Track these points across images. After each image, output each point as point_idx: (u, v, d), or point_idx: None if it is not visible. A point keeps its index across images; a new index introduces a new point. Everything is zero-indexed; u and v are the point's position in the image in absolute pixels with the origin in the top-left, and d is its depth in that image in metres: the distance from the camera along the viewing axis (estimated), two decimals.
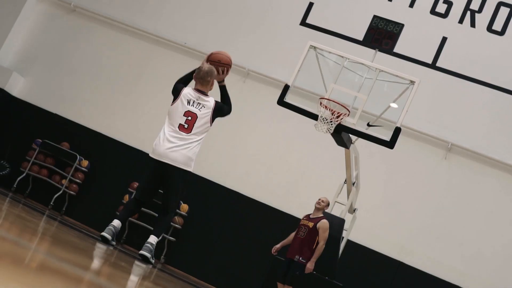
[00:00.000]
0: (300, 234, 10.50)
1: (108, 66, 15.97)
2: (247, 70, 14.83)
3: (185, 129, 7.89)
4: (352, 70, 10.84)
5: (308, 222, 10.51)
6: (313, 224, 10.45)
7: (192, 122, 7.92)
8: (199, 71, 8.19)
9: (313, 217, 10.60)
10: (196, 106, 7.97)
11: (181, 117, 7.92)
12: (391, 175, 13.89)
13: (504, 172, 13.38)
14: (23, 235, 3.86)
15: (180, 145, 7.87)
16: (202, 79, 8.13)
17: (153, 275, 6.13)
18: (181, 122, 7.91)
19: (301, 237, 10.46)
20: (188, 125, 7.90)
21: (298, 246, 10.43)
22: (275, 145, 14.51)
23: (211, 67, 8.23)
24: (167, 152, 7.84)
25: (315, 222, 10.49)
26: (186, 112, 7.93)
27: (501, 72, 13.68)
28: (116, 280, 3.66)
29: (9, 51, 16.36)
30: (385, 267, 13.25)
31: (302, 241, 10.44)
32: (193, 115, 7.93)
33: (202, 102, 8.02)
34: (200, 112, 7.96)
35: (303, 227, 10.52)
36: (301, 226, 10.57)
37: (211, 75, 8.16)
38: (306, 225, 10.49)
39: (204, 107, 7.99)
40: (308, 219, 10.59)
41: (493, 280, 12.91)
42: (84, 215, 14.39)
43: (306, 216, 10.68)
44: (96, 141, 15.23)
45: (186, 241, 14.14)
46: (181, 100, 7.98)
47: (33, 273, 2.41)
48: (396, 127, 9.99)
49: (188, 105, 7.96)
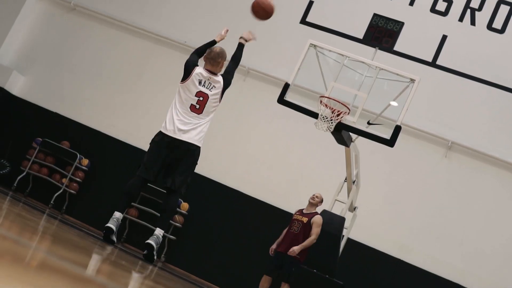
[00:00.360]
0: (293, 229, 10.52)
1: (108, 65, 15.97)
2: (247, 69, 14.82)
3: (197, 109, 7.89)
4: (352, 69, 10.84)
5: (302, 217, 10.55)
6: (307, 220, 10.48)
7: (203, 103, 7.92)
8: (210, 52, 8.19)
9: (307, 212, 10.64)
10: (208, 86, 7.98)
11: (192, 98, 7.92)
12: (391, 173, 13.89)
13: (504, 170, 13.38)
14: (23, 234, 3.86)
15: (191, 126, 7.85)
16: (213, 60, 8.13)
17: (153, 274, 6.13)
18: (192, 103, 7.90)
19: (295, 232, 10.48)
20: (199, 106, 7.90)
21: (291, 241, 10.45)
22: (276, 144, 14.51)
23: (222, 49, 8.25)
24: (179, 133, 7.82)
25: (309, 217, 10.53)
26: (198, 93, 7.93)
27: (501, 70, 13.68)
28: (116, 279, 3.66)
29: (9, 50, 16.35)
30: (385, 265, 13.25)
31: (296, 236, 10.46)
32: (204, 96, 7.94)
33: (213, 83, 8.03)
34: (211, 92, 7.97)
35: (297, 222, 10.55)
36: (294, 221, 10.60)
37: (222, 57, 8.18)
38: (300, 220, 10.52)
39: (214, 87, 8.01)
40: (302, 214, 10.63)
41: (493, 278, 12.91)
42: (85, 214, 14.39)
43: (299, 211, 10.71)
44: (96, 140, 15.23)
45: (187, 240, 14.14)
46: (192, 80, 7.98)
47: (34, 271, 2.41)
48: (396, 125, 9.99)
49: (200, 85, 7.96)
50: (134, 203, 13.76)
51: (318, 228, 10.45)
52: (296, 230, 10.50)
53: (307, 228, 10.45)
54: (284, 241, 10.59)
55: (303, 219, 10.52)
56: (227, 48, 8.83)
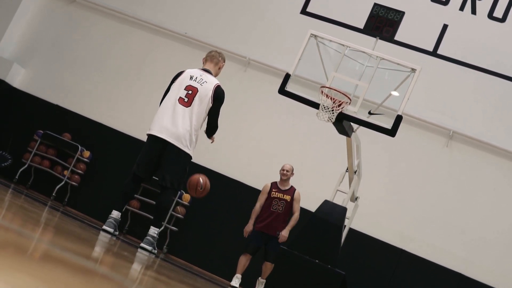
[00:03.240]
0: (277, 208, 10.50)
1: (109, 57, 15.96)
2: (247, 59, 14.82)
3: (185, 102, 7.71)
4: (353, 59, 10.83)
5: (283, 195, 10.53)
6: (290, 197, 10.50)
7: (192, 96, 7.72)
8: (210, 51, 8.15)
9: (285, 189, 10.63)
10: (199, 81, 7.83)
11: (182, 91, 7.76)
12: (392, 163, 13.89)
13: (506, 159, 13.39)
14: (26, 226, 3.86)
15: (178, 119, 7.71)
16: (213, 57, 8.05)
17: (156, 265, 6.14)
18: (181, 96, 7.74)
19: (279, 212, 10.48)
20: (188, 99, 7.71)
21: (277, 222, 10.45)
22: (277, 134, 14.51)
23: (222, 52, 8.19)
24: (167, 126, 7.71)
25: (290, 194, 10.54)
26: (187, 86, 7.77)
27: (502, 59, 13.66)
28: (119, 270, 3.67)
29: (9, 43, 16.34)
30: (387, 255, 13.27)
31: (281, 215, 10.46)
32: (193, 89, 7.76)
33: (205, 79, 7.88)
34: (202, 87, 7.78)
35: (279, 200, 10.53)
36: (275, 199, 10.55)
37: (221, 57, 8.11)
38: (283, 199, 10.51)
39: (206, 82, 7.84)
40: (281, 191, 10.60)
41: (495, 267, 12.93)
42: (87, 206, 14.41)
43: (276, 188, 10.66)
44: (98, 132, 15.24)
45: (189, 231, 14.17)
46: (183, 77, 7.86)
47: (37, 262, 2.42)
48: (397, 115, 9.99)
49: (190, 80, 7.82)
50: (136, 195, 13.77)
51: (299, 203, 10.49)
52: (281, 209, 10.49)
53: (290, 206, 10.47)
54: (268, 222, 10.56)
55: (286, 197, 10.51)
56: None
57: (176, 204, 13.87)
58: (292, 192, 10.57)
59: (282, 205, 10.48)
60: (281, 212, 10.47)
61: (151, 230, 7.85)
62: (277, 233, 10.43)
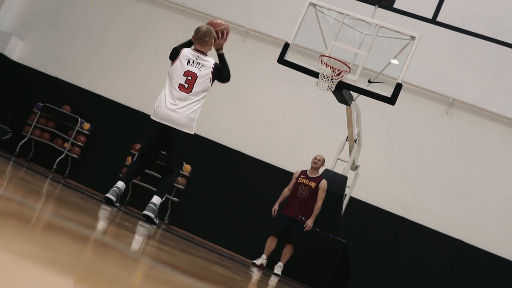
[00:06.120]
0: (301, 193, 10.59)
1: (107, 28, 15.91)
2: (246, 29, 14.77)
3: (185, 89, 7.84)
4: (352, 27, 10.80)
5: (309, 181, 10.62)
6: (315, 185, 10.57)
7: (192, 82, 7.87)
8: (197, 32, 8.12)
9: (313, 177, 10.70)
10: (196, 65, 7.92)
11: (181, 77, 7.87)
12: (392, 131, 13.90)
13: (506, 126, 13.39)
14: (28, 197, 3.88)
15: (181, 105, 7.83)
16: (200, 40, 8.07)
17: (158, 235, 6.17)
18: (181, 82, 7.86)
19: (303, 197, 10.56)
20: (188, 85, 7.85)
21: (300, 206, 10.54)
22: (277, 104, 14.51)
23: (209, 28, 8.17)
24: (169, 113, 7.81)
25: (316, 182, 10.60)
26: (186, 72, 7.88)
27: (502, 26, 13.61)
28: (122, 239, 3.69)
29: (7, 15, 16.27)
30: (388, 223, 13.32)
31: (305, 200, 10.54)
32: (193, 75, 7.88)
33: (202, 62, 7.96)
34: (200, 71, 7.90)
35: (304, 186, 10.61)
36: (301, 185, 10.65)
37: (209, 36, 8.10)
38: (308, 185, 10.59)
39: (203, 66, 7.94)
40: (308, 178, 10.69)
41: (496, 234, 12.98)
42: (87, 178, 14.44)
43: (304, 175, 10.76)
44: (97, 104, 15.22)
45: (190, 202, 14.21)
46: (180, 60, 7.92)
47: (38, 231, 2.43)
48: (397, 83, 9.99)
49: (188, 65, 7.90)
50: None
51: (324, 193, 10.56)
52: (305, 195, 10.57)
53: (315, 192, 10.54)
54: (291, 205, 10.66)
55: (311, 184, 10.60)
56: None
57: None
58: (318, 180, 10.63)
59: (306, 190, 10.56)
60: (305, 197, 10.54)
61: (155, 198, 7.91)
62: (299, 217, 10.49)
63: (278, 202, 10.79)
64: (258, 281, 6.53)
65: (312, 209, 10.52)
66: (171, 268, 3.03)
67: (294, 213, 10.56)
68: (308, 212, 10.51)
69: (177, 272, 2.93)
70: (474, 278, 12.84)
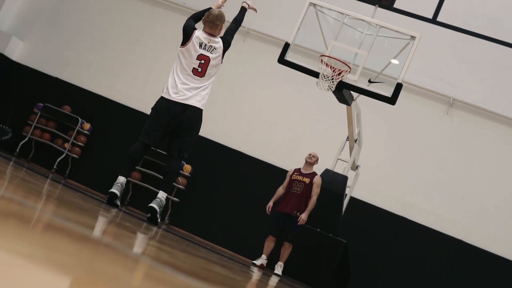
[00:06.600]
0: (296, 190, 10.62)
1: (107, 28, 15.91)
2: (247, 29, 14.77)
3: (199, 72, 7.90)
4: (352, 27, 10.81)
5: (303, 177, 10.66)
6: (309, 180, 10.60)
7: (205, 66, 7.92)
8: (208, 15, 8.15)
9: (307, 173, 10.73)
10: (208, 49, 7.97)
11: (194, 62, 7.91)
12: (393, 131, 13.90)
13: (506, 126, 13.39)
14: (28, 197, 3.88)
15: (195, 88, 7.86)
16: (211, 23, 8.09)
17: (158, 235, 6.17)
18: (194, 66, 7.89)
19: (298, 193, 10.58)
20: (201, 69, 7.90)
21: (295, 202, 10.57)
22: (277, 104, 14.51)
23: (221, 11, 8.21)
24: (185, 92, 7.82)
25: (310, 178, 10.63)
26: (199, 56, 7.91)
27: (502, 26, 13.61)
28: (122, 239, 3.69)
29: (7, 15, 16.28)
30: (388, 223, 13.32)
31: (299, 196, 10.56)
32: (206, 59, 7.93)
33: (214, 45, 8.01)
34: (212, 55, 7.96)
35: (298, 182, 10.65)
36: (295, 181, 10.69)
37: (220, 20, 8.13)
38: (302, 181, 10.63)
39: (215, 49, 7.99)
40: (302, 174, 10.72)
41: (495, 234, 12.98)
42: (88, 178, 14.44)
43: (298, 172, 10.80)
44: (97, 104, 15.23)
45: (190, 202, 14.21)
46: (193, 43, 7.96)
47: (39, 231, 2.43)
48: (397, 83, 9.99)
49: (201, 49, 7.95)
50: (138, 167, 13.79)
51: (318, 188, 10.58)
52: (299, 191, 10.59)
53: (309, 188, 10.56)
54: (286, 202, 10.67)
55: (305, 180, 10.62)
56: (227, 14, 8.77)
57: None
58: (312, 176, 10.65)
59: (301, 186, 10.58)
60: (299, 193, 10.56)
61: (160, 194, 7.89)
62: (294, 212, 10.50)
63: (273, 200, 10.81)
64: (259, 281, 6.53)
65: (306, 204, 10.54)
66: (172, 268, 3.03)
67: (289, 209, 10.58)
68: (303, 208, 10.54)
69: (177, 272, 2.93)
70: (474, 277, 12.84)
